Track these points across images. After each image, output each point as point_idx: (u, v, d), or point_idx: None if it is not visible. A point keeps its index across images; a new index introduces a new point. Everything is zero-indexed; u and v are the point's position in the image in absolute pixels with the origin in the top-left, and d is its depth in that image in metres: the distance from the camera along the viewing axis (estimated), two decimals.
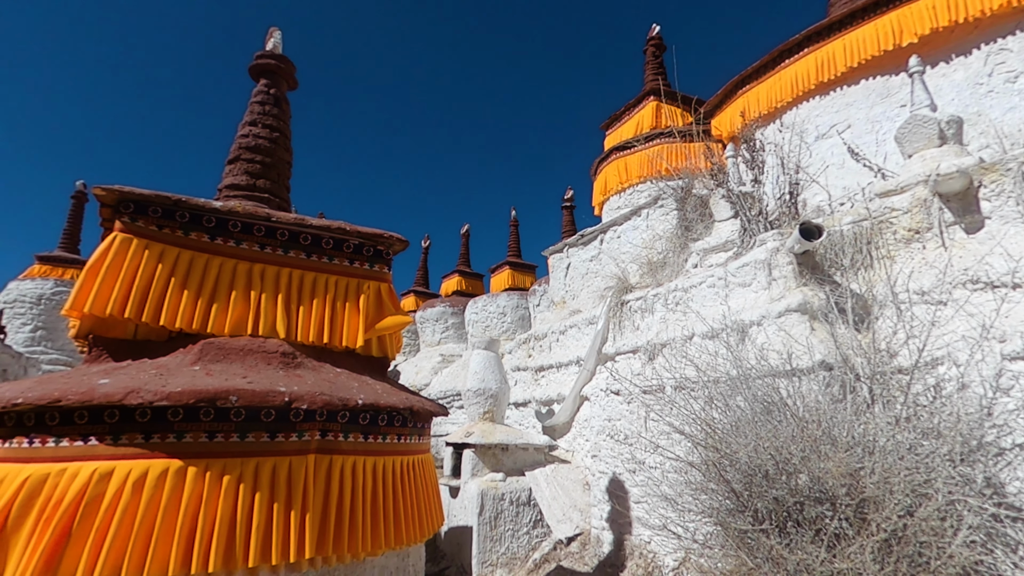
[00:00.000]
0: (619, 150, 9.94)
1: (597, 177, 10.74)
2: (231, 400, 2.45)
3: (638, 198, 9.31)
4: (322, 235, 3.33)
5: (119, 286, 2.75)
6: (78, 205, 16.43)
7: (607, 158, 10.24)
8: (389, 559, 3.02)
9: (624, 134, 10.29)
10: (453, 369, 15.72)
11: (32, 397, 2.34)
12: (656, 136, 9.45)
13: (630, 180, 9.55)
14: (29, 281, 14.62)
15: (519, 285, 16.93)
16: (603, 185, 10.34)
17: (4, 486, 2.29)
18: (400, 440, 3.12)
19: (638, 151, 9.45)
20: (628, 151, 9.70)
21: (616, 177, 9.82)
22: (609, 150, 10.19)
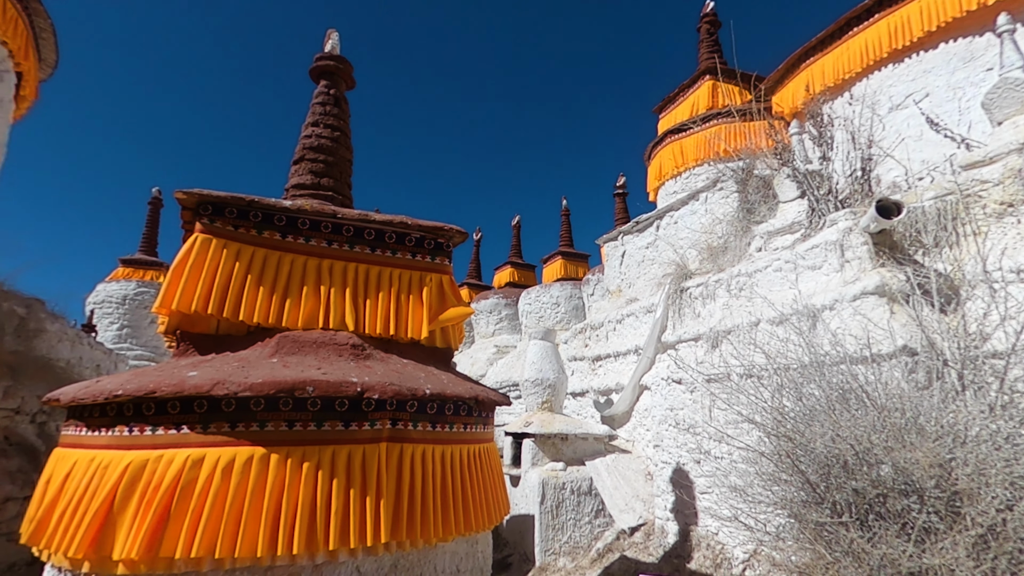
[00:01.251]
0: (674, 133, 9.66)
1: (651, 162, 10.48)
2: (308, 390, 2.55)
3: (695, 182, 9.03)
4: (385, 229, 3.41)
5: (202, 284, 2.91)
6: (155, 210, 17.51)
7: (661, 142, 9.97)
8: (459, 545, 3.08)
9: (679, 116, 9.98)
10: (508, 360, 15.84)
11: (131, 389, 2.52)
12: (713, 116, 9.12)
13: (686, 163, 9.27)
14: (115, 283, 15.74)
15: (572, 275, 16.82)
16: (658, 170, 10.09)
17: (109, 471, 2.48)
18: (466, 429, 3.17)
19: (694, 133, 9.15)
20: (684, 134, 9.40)
21: (671, 161, 9.55)
22: (663, 134, 9.92)
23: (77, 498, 2.48)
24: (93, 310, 14.90)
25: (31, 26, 7.12)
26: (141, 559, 2.31)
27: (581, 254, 17.37)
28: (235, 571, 2.41)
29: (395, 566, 2.73)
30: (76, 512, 2.44)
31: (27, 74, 7.45)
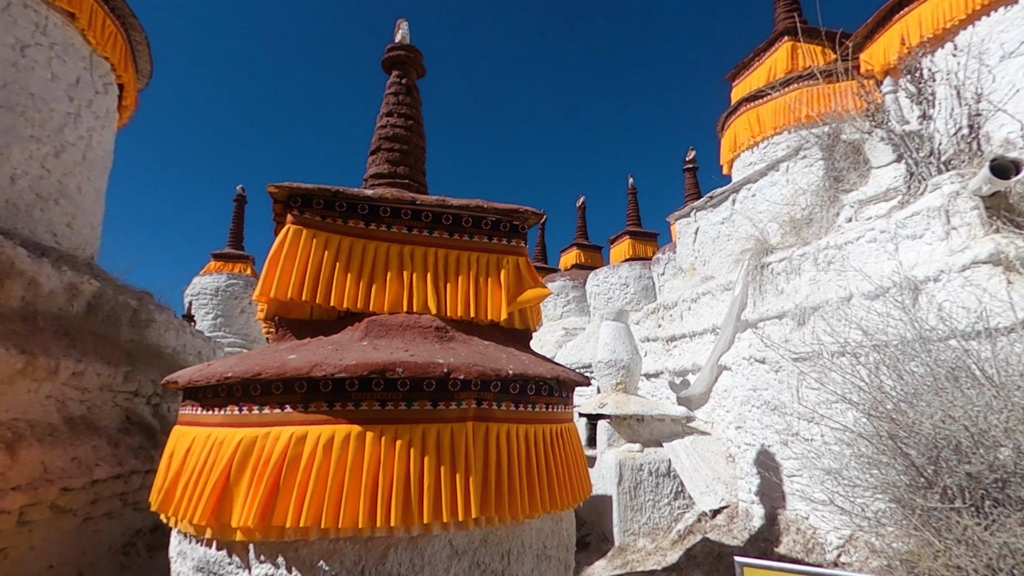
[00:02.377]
0: (750, 101, 9.15)
1: (725, 133, 10.00)
2: (398, 371, 2.65)
3: (774, 151, 8.54)
4: (462, 214, 3.46)
5: (295, 272, 3.08)
6: (240, 206, 18.67)
7: (736, 111, 9.48)
8: (544, 522, 3.13)
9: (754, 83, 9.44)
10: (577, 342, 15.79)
11: (239, 371, 2.71)
12: (793, 80, 8.54)
13: (764, 132, 8.77)
14: (208, 276, 16.98)
15: (640, 255, 16.47)
16: (732, 141, 9.61)
17: (224, 447, 2.70)
18: (548, 409, 3.19)
19: (772, 99, 8.62)
20: (760, 100, 8.88)
21: (747, 131, 9.06)
22: (738, 102, 9.41)
23: (197, 471, 2.71)
24: (191, 301, 16.16)
25: (128, 40, 7.70)
26: (256, 527, 2.50)
27: (650, 233, 16.96)
28: (339, 540, 2.57)
29: (485, 541, 2.82)
30: (197, 484, 2.68)
31: (127, 85, 8.08)
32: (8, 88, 5.83)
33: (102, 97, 7.36)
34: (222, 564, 2.65)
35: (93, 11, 6.78)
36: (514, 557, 2.90)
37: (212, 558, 2.68)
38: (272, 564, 2.56)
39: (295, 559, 2.55)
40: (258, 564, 2.58)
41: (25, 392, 4.47)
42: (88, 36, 6.80)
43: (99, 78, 7.27)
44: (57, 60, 6.43)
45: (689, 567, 5.37)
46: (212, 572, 2.67)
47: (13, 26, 5.89)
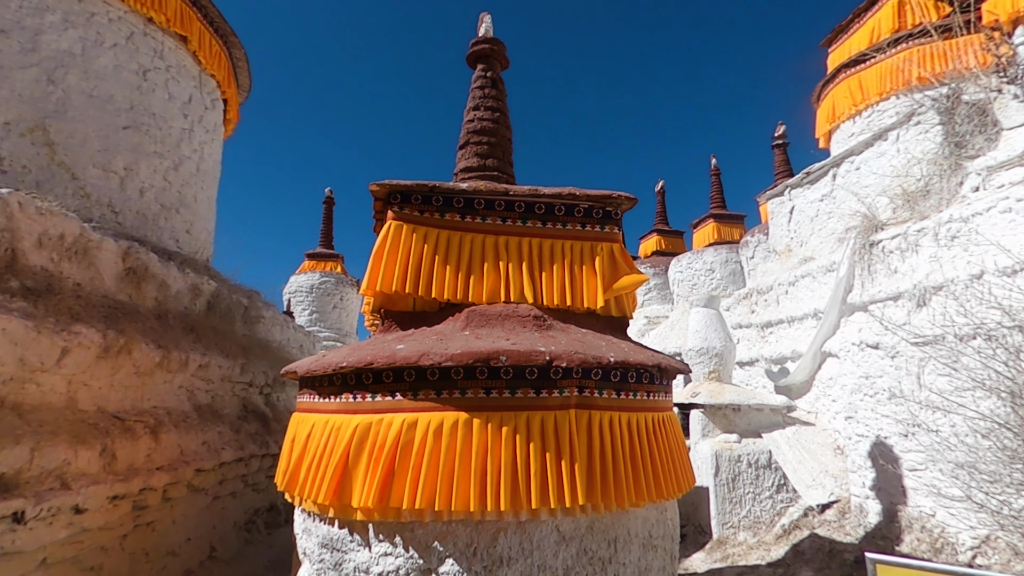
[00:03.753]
0: (850, 66, 8.43)
1: (821, 104, 9.31)
2: (501, 360, 2.70)
3: (881, 119, 7.85)
4: (554, 202, 3.46)
5: (398, 267, 3.21)
6: (328, 208, 19.71)
7: (834, 79, 8.78)
8: (650, 511, 3.09)
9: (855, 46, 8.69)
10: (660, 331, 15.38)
11: (352, 361, 2.87)
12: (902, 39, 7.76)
13: (867, 99, 8.07)
14: (303, 275, 18.10)
15: (726, 238, 15.74)
16: (830, 112, 8.93)
17: (341, 433, 2.87)
18: (649, 397, 3.14)
19: (877, 62, 7.89)
20: (863, 65, 8.16)
21: (848, 99, 8.38)
22: (836, 69, 8.71)
23: (319, 455, 2.90)
24: (289, 299, 17.30)
25: (231, 57, 8.30)
26: (375, 508, 2.65)
27: (736, 215, 16.17)
28: (451, 523, 2.66)
29: (591, 528, 2.82)
30: (319, 467, 2.87)
31: (231, 100, 8.73)
32: (135, 110, 6.46)
33: (211, 112, 8.00)
34: (344, 541, 2.82)
35: (201, 33, 7.37)
36: (621, 545, 2.88)
37: (335, 536, 2.86)
38: (390, 543, 2.70)
39: (411, 539, 2.67)
40: (377, 543, 2.73)
41: (162, 383, 4.97)
42: (198, 56, 7.40)
43: (207, 95, 7.90)
44: (172, 81, 7.05)
45: (797, 563, 5.11)
46: (335, 548, 2.85)
47: (136, 53, 6.52)
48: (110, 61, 6.21)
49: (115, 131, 6.21)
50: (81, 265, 4.45)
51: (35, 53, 5.57)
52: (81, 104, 5.90)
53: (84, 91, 5.93)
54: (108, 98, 6.16)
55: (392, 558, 2.68)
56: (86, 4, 6.03)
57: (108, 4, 6.23)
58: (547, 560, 2.68)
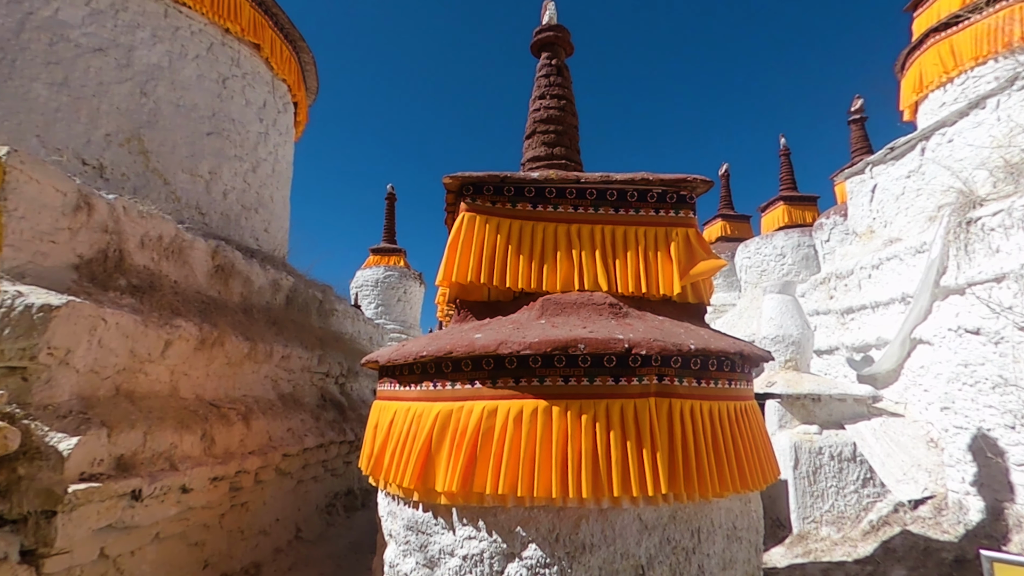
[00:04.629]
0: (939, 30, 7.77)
1: (906, 73, 8.64)
2: (579, 348, 2.69)
3: (977, 86, 7.22)
4: (626, 188, 3.40)
5: (472, 257, 3.26)
6: (391, 204, 20.23)
7: (921, 45, 8.12)
8: (733, 502, 3.01)
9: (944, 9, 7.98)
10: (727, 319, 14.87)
11: (432, 351, 2.94)
12: None
13: (961, 65, 7.42)
14: (369, 269, 18.72)
15: (797, 221, 14.97)
16: (916, 81, 8.28)
17: (423, 420, 2.95)
18: (731, 385, 3.05)
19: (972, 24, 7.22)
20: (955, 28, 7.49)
21: (938, 66, 7.73)
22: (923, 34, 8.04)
23: (402, 442, 3.00)
24: (356, 292, 17.94)
25: (299, 62, 8.65)
26: (458, 492, 2.71)
27: (808, 197, 15.34)
28: (534, 508, 2.69)
29: (673, 517, 2.78)
30: (403, 452, 2.97)
31: (300, 103, 9.11)
32: (216, 116, 6.86)
33: (283, 116, 8.38)
34: (429, 524, 2.92)
35: (272, 40, 7.72)
36: (704, 535, 2.82)
37: (420, 519, 2.96)
38: (474, 527, 2.76)
39: (494, 524, 2.73)
40: (461, 526, 2.80)
41: (250, 373, 5.29)
42: (271, 62, 7.76)
43: (279, 99, 8.27)
44: (248, 87, 7.43)
45: (888, 561, 4.84)
46: (420, 531, 2.95)
47: (216, 62, 6.90)
48: (193, 71, 6.61)
49: (200, 137, 6.62)
50: (177, 263, 4.79)
51: (129, 68, 6.01)
52: (170, 113, 6.32)
53: (172, 101, 6.35)
54: (193, 106, 6.57)
55: (476, 542, 2.74)
56: (171, 19, 6.44)
57: (190, 18, 6.63)
58: (629, 548, 2.67)
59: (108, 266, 3.95)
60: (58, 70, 5.52)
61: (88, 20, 5.74)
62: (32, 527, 2.70)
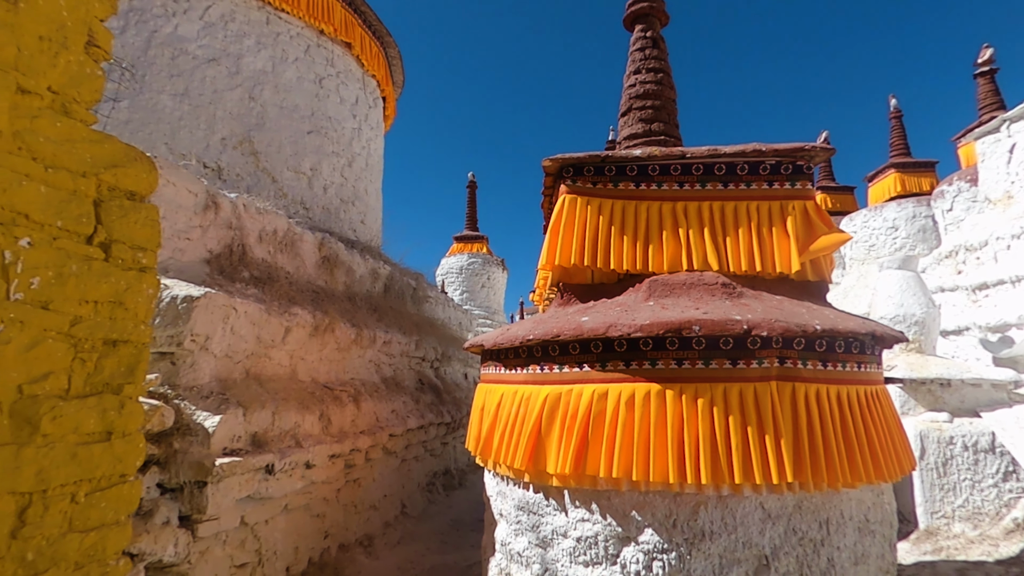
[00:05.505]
0: None
1: None
2: (694, 330, 2.60)
3: None
4: (736, 161, 3.22)
5: (575, 240, 3.22)
6: (472, 192, 20.55)
7: None
8: (865, 493, 2.81)
9: None
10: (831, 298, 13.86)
11: (539, 334, 2.95)
12: None
13: None
14: (453, 257, 19.18)
15: (912, 190, 13.60)
16: None
17: (532, 402, 2.97)
18: (860, 368, 2.83)
19: None
20: None
21: None
22: None
23: (511, 423, 3.05)
24: (443, 280, 18.45)
25: (387, 56, 8.92)
26: (570, 475, 2.72)
27: (924, 162, 13.88)
28: (649, 493, 2.65)
29: (799, 507, 2.63)
30: (512, 435, 3.01)
31: (388, 98, 9.41)
32: (315, 115, 7.23)
33: (373, 111, 8.69)
34: (540, 506, 2.95)
35: (362, 37, 8.00)
36: (834, 527, 2.66)
37: (531, 499, 3.00)
38: (586, 510, 2.76)
39: (608, 507, 2.71)
40: (573, 508, 2.81)
41: (356, 357, 5.58)
42: (361, 59, 8.05)
43: (369, 94, 8.58)
44: (342, 85, 7.76)
45: None
46: (532, 511, 2.99)
47: (313, 64, 7.26)
48: (294, 74, 6.99)
49: (301, 136, 7.01)
50: (289, 255, 5.12)
51: (239, 75, 6.45)
52: (275, 115, 6.73)
53: (276, 103, 6.76)
54: (294, 107, 6.96)
55: (589, 524, 2.74)
56: (272, 26, 6.83)
57: (288, 23, 7.00)
58: (752, 537, 2.56)
59: (233, 260, 4.29)
60: (179, 81, 6.02)
61: (202, 33, 6.21)
62: (187, 496, 3.01)
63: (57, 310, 1.79)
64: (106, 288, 1.95)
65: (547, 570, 2.88)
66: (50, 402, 1.76)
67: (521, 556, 3.03)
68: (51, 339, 1.78)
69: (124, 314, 2.03)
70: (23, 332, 1.69)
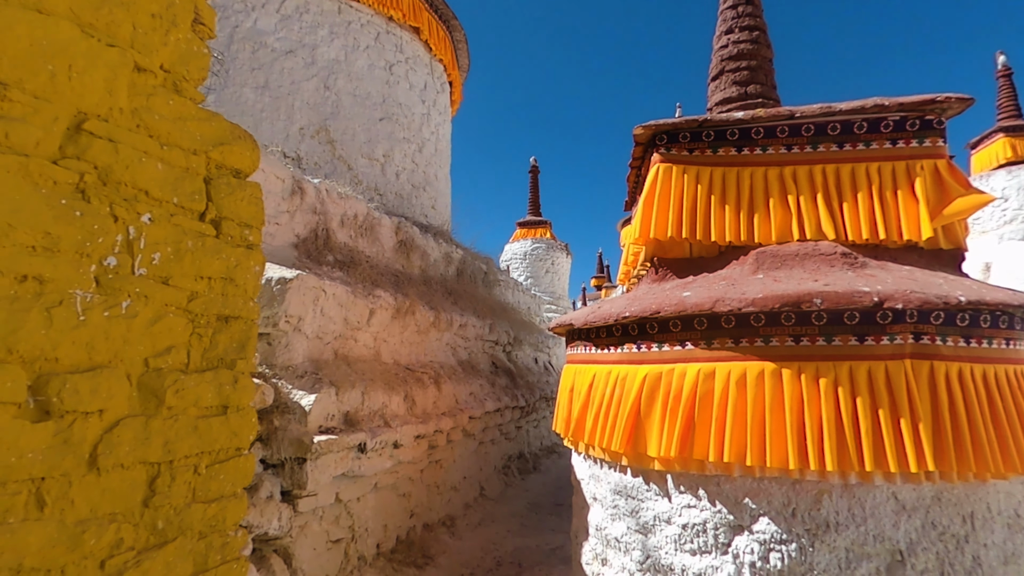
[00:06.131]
0: None
1: None
2: (815, 303, 2.37)
3: None
4: (852, 119, 2.92)
5: (672, 211, 3.03)
6: (534, 177, 20.37)
7: None
8: (1015, 486, 2.49)
9: None
10: None
11: (636, 311, 2.80)
12: None
13: None
14: (517, 243, 19.14)
15: None
16: None
17: (629, 383, 2.83)
18: (1008, 345, 2.50)
19: None
20: None
21: None
22: None
23: (606, 404, 2.92)
24: (507, 265, 18.45)
25: (452, 40, 8.87)
26: (675, 459, 2.57)
27: None
28: (764, 480, 2.46)
29: (937, 499, 2.37)
30: (607, 416, 2.89)
31: (455, 82, 9.38)
32: (386, 102, 7.29)
33: (441, 95, 8.69)
34: (640, 490, 2.82)
35: (429, 22, 7.98)
36: (979, 522, 2.37)
37: (629, 483, 2.87)
38: (692, 496, 2.61)
39: (717, 493, 2.54)
40: (677, 494, 2.66)
41: (435, 340, 5.61)
42: (428, 44, 8.04)
43: (437, 79, 8.58)
44: (411, 71, 7.78)
45: None
46: (630, 496, 2.87)
47: (383, 51, 7.31)
48: (365, 62, 7.06)
49: (374, 123, 7.09)
50: (369, 240, 5.18)
51: (314, 65, 6.57)
52: (348, 104, 6.83)
53: (349, 92, 6.86)
54: (366, 95, 7.04)
55: (696, 511, 2.59)
56: (344, 15, 6.91)
57: (359, 11, 7.06)
58: (884, 530, 2.33)
59: (319, 243, 4.38)
60: (260, 74, 6.20)
61: (279, 26, 6.36)
62: (288, 471, 3.09)
63: (176, 285, 1.82)
64: (218, 264, 1.97)
65: (648, 557, 2.75)
66: (173, 375, 1.79)
67: (619, 542, 2.91)
68: (171, 314, 1.81)
69: (235, 290, 2.05)
70: (147, 307, 1.73)
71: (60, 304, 1.48)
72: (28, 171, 1.43)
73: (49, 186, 1.48)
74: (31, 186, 1.44)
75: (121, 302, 1.65)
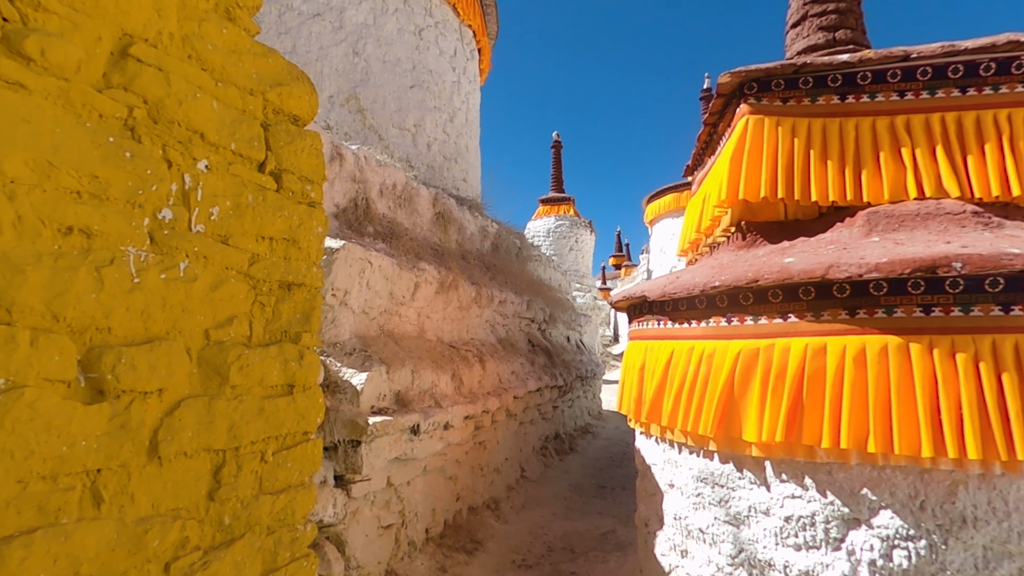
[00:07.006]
0: None
1: None
2: (955, 267, 2.05)
3: None
4: (979, 60, 2.55)
5: (765, 169, 2.71)
6: (557, 152, 19.89)
7: None
8: None
9: None
10: None
11: (726, 280, 2.50)
12: None
13: None
14: (539, 220, 18.77)
15: None
16: None
17: (717, 360, 2.55)
18: None
19: None
20: None
21: None
22: None
23: (689, 384, 2.64)
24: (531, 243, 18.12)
25: (482, 4, 8.45)
26: (780, 444, 2.29)
27: None
28: (885, 468, 2.17)
29: None
30: (692, 396, 2.61)
31: (484, 49, 8.98)
32: (416, 69, 6.95)
33: (471, 63, 8.31)
34: (731, 478, 2.55)
35: None
36: None
37: (716, 470, 2.61)
38: (798, 485, 2.33)
39: (828, 483, 2.26)
40: (779, 483, 2.38)
41: (475, 317, 5.36)
42: (457, 8, 7.65)
43: (466, 46, 8.19)
44: (441, 36, 7.41)
45: None
46: (718, 484, 2.60)
47: (412, 14, 6.95)
48: (394, 26, 6.71)
49: (404, 91, 6.77)
50: (407, 211, 4.91)
51: (342, 30, 6.25)
52: (378, 71, 6.51)
53: (379, 58, 6.53)
54: (396, 61, 6.70)
55: (802, 502, 2.31)
56: None
57: None
58: None
59: (359, 213, 4.11)
60: (287, 39, 5.90)
61: None
62: (342, 455, 2.87)
63: (236, 246, 1.57)
64: (280, 223, 1.71)
65: (742, 551, 2.49)
66: (236, 350, 1.55)
67: (704, 533, 2.66)
68: (232, 279, 1.56)
69: (298, 253, 1.79)
70: (207, 270, 1.48)
71: (111, 263, 1.23)
72: (70, 99, 1.17)
73: (94, 120, 1.22)
74: (74, 118, 1.17)
75: (179, 263, 1.40)
